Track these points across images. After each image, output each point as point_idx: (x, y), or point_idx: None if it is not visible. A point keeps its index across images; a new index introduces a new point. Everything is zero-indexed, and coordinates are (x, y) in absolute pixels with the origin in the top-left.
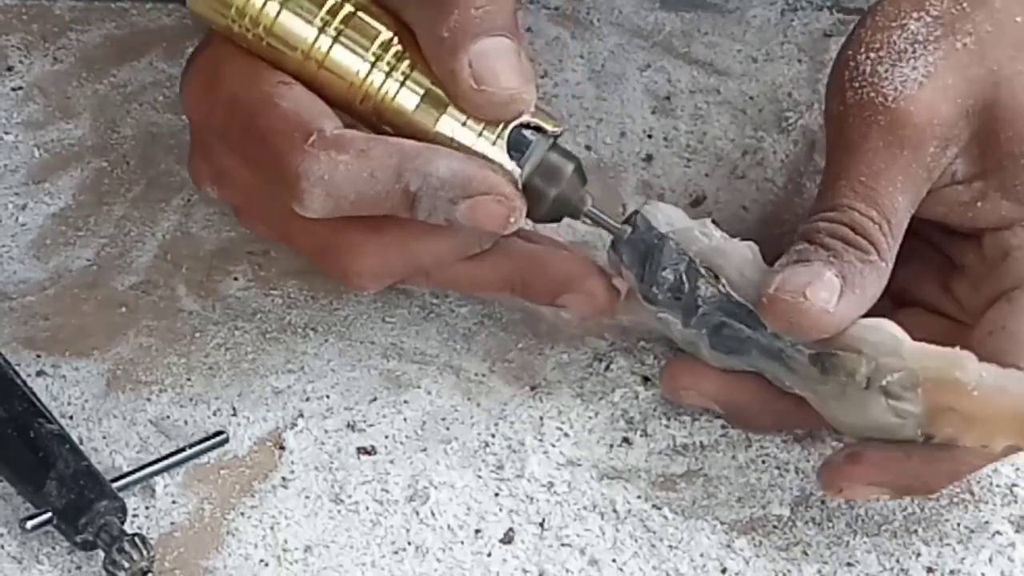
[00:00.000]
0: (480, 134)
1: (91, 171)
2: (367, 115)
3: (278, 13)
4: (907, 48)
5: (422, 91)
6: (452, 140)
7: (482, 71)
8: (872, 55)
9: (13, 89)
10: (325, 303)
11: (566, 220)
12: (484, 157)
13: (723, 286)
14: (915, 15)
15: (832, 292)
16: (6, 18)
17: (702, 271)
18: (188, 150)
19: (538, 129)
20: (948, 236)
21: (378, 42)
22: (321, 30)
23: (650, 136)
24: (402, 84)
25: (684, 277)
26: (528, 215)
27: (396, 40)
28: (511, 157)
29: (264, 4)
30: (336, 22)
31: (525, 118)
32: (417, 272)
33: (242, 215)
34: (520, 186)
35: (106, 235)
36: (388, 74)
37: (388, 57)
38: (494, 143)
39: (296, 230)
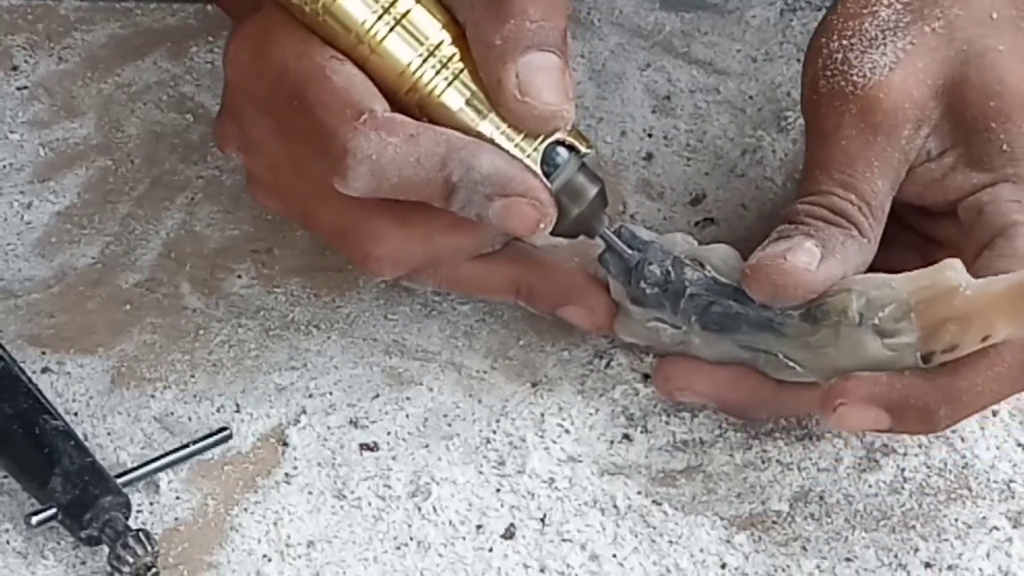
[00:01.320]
0: (516, 144)
1: (96, 170)
2: (410, 106)
3: None
4: (877, 35)
5: (468, 94)
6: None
7: (528, 83)
8: (844, 42)
9: (18, 88)
10: (328, 300)
11: None
12: None
13: (708, 271)
14: (885, 2)
15: (812, 257)
16: (11, 18)
17: (687, 262)
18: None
19: (570, 148)
20: (925, 217)
21: (432, 38)
22: (380, 17)
23: (650, 135)
24: (450, 83)
25: (670, 268)
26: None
27: (450, 40)
28: (542, 171)
29: None
30: (395, 11)
31: (560, 135)
32: (433, 264)
33: (259, 188)
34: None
35: (111, 233)
36: (438, 71)
37: (440, 55)
38: (528, 155)
39: (320, 209)
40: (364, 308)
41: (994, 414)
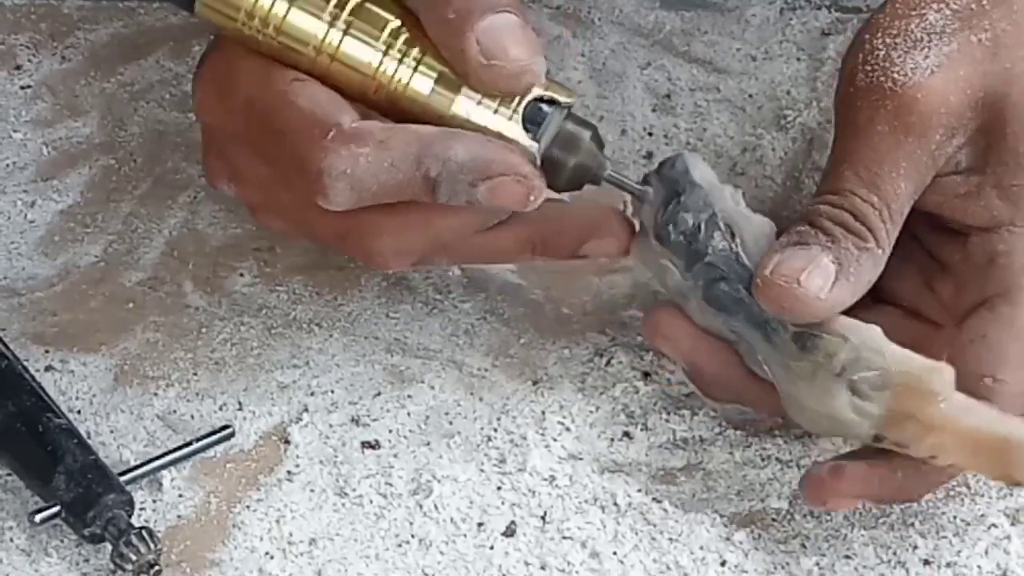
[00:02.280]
0: (496, 111)
1: (99, 168)
2: (382, 104)
3: (287, 12)
4: (923, 37)
5: (435, 75)
6: (468, 121)
7: (490, 47)
8: (888, 40)
9: (22, 87)
10: (330, 299)
11: None
12: (501, 135)
13: (736, 245)
14: (935, 6)
15: (826, 279)
16: (15, 17)
17: (721, 225)
18: (200, 150)
19: (552, 102)
20: (935, 232)
21: (387, 31)
22: (331, 24)
23: (651, 134)
24: (415, 70)
25: (703, 225)
26: (549, 186)
27: (405, 27)
28: (527, 131)
29: (273, 4)
30: (344, 15)
31: (538, 91)
32: (438, 248)
33: (258, 212)
34: (539, 159)
35: (114, 232)
36: (400, 61)
37: (399, 44)
38: (510, 118)
39: (316, 220)
40: (366, 306)
41: None
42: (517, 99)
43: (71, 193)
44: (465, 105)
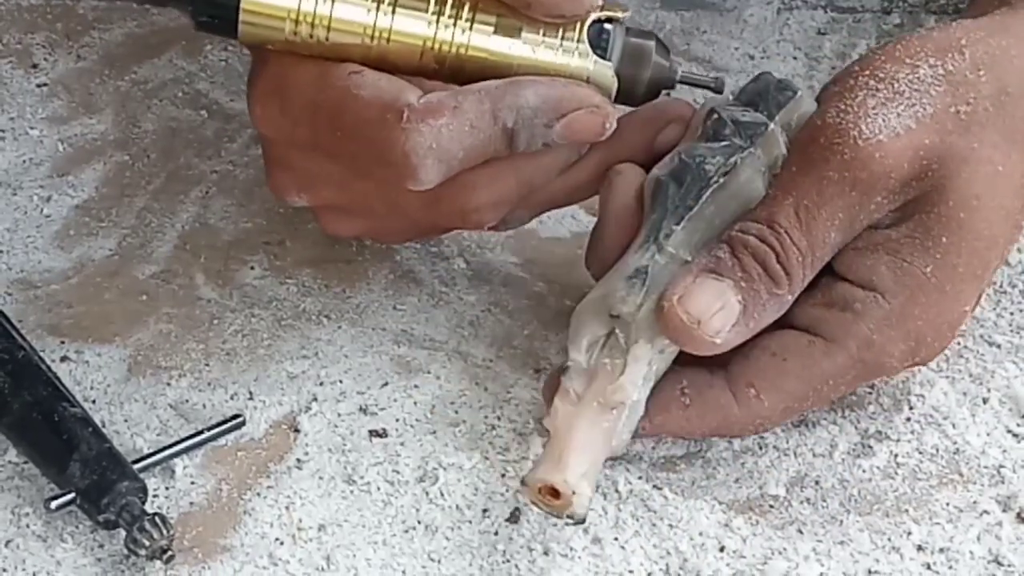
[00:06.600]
0: (560, 45)
1: (113, 164)
2: (444, 73)
3: (332, 7)
4: (905, 90)
5: (491, 28)
6: (536, 63)
7: None
8: (873, 82)
9: (38, 86)
10: (338, 291)
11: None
12: (571, 68)
13: (718, 181)
14: (931, 60)
15: (726, 322)
16: (31, 17)
17: (733, 163)
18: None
19: (609, 20)
20: None
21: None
22: (378, 6)
23: None
24: (470, 29)
25: (738, 140)
26: (627, 101)
27: None
28: (596, 54)
29: (317, 4)
30: None
31: (595, 15)
32: (529, 191)
33: (332, 218)
34: (615, 77)
35: (127, 226)
36: (454, 25)
37: (448, 9)
38: (577, 49)
39: (403, 200)
40: (373, 299)
41: (984, 401)
42: (577, 27)
43: (86, 188)
44: (529, 49)
